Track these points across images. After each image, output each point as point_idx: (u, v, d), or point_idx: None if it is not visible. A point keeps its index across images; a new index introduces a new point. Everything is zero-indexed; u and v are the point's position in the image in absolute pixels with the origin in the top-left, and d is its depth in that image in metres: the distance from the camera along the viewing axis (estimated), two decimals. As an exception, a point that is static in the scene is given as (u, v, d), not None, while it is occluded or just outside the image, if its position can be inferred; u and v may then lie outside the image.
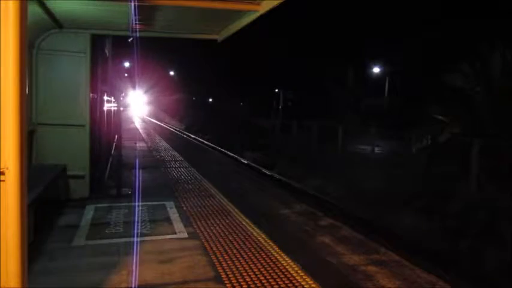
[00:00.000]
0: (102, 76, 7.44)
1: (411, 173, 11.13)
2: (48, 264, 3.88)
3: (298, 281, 3.76)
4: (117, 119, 8.11)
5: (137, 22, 5.67)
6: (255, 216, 5.93)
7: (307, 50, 30.78)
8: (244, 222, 5.58)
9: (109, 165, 8.52)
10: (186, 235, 4.85)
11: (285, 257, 4.35)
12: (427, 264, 6.75)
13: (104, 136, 7.41)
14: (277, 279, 3.79)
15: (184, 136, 29.71)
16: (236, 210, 6.23)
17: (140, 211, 5.76)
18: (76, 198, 6.18)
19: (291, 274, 3.92)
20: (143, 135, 21.85)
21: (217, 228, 5.29)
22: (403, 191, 10.38)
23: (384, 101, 24.89)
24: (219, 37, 6.71)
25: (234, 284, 3.67)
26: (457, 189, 9.65)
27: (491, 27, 16.73)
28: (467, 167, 9.94)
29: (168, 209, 6.00)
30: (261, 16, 5.03)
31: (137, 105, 48.63)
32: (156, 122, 45.11)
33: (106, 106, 8.34)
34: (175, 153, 13.73)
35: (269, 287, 3.65)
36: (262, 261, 4.21)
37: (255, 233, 5.12)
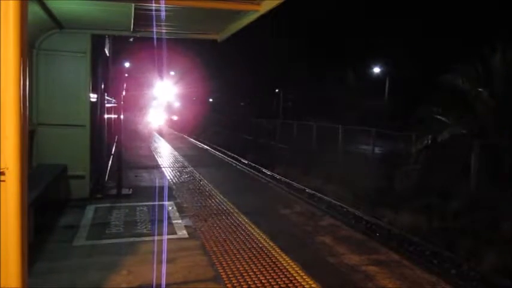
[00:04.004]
0: (102, 76, 7.44)
1: (411, 172, 11.13)
2: (49, 264, 3.87)
3: (298, 281, 3.76)
4: (118, 119, 8.09)
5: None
6: (255, 216, 5.93)
7: (307, 50, 30.68)
8: (244, 222, 5.59)
9: (109, 165, 8.52)
10: (186, 235, 4.85)
11: (285, 257, 4.36)
12: (427, 263, 6.77)
13: (104, 136, 7.40)
14: (278, 279, 3.79)
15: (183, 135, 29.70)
16: (236, 210, 6.24)
17: (140, 211, 5.76)
18: (76, 198, 6.17)
19: (291, 274, 3.92)
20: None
21: (218, 228, 5.29)
22: (403, 191, 10.39)
23: (384, 101, 24.86)
24: (219, 37, 6.71)
25: (235, 284, 3.67)
26: (457, 189, 9.66)
27: (493, 28, 16.71)
28: (468, 167, 9.94)
29: (169, 209, 6.00)
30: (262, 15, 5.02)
31: (164, 107, 39.15)
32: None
33: (107, 106, 8.33)
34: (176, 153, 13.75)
35: (269, 287, 3.65)
36: (262, 261, 4.21)
37: (255, 233, 5.12)
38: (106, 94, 7.83)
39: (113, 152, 9.54)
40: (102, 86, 7.18)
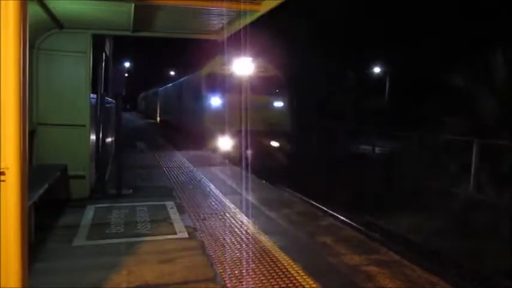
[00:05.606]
0: (102, 76, 7.43)
1: (411, 172, 11.14)
2: (49, 264, 3.87)
3: (299, 281, 3.76)
4: (118, 119, 8.08)
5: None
6: (255, 216, 5.93)
7: (307, 49, 30.50)
8: (245, 222, 5.58)
9: (109, 165, 8.52)
10: (186, 235, 4.84)
11: (285, 257, 4.35)
12: (427, 263, 6.76)
13: (105, 136, 7.40)
14: (278, 280, 3.78)
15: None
16: (237, 210, 6.23)
17: (141, 211, 5.75)
18: (76, 198, 6.17)
19: (292, 274, 3.91)
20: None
21: (218, 228, 5.29)
22: (402, 191, 10.39)
23: (384, 100, 24.86)
24: (219, 37, 6.72)
25: (235, 284, 3.67)
26: (457, 189, 9.67)
27: (493, 27, 16.72)
28: (468, 167, 9.94)
29: (169, 208, 5.99)
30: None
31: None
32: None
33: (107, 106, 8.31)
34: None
35: (270, 287, 3.64)
36: (262, 261, 4.20)
37: (255, 233, 5.12)
38: (106, 93, 7.81)
39: (113, 152, 9.54)
40: (103, 85, 7.17)
